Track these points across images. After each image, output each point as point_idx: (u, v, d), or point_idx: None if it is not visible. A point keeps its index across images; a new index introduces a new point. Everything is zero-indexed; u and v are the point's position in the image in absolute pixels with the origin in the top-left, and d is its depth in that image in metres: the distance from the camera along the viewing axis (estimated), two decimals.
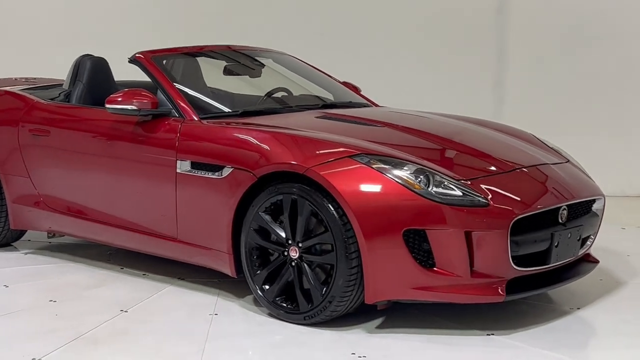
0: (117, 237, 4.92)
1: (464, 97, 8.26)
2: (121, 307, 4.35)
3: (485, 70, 8.35)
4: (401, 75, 8.24)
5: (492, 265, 3.90)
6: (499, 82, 8.40)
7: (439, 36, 8.29)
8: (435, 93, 8.21)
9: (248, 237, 4.24)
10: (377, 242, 3.86)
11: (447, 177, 3.95)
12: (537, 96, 8.27)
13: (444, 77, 8.30)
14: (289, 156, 4.11)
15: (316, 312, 4.04)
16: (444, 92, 8.25)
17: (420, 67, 8.28)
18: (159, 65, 4.96)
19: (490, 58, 8.35)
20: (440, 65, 8.30)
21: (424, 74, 8.27)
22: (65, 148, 5.06)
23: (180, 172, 4.49)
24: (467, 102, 8.17)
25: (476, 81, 8.36)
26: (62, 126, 5.10)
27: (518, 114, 8.22)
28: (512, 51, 8.27)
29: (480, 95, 8.39)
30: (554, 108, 8.23)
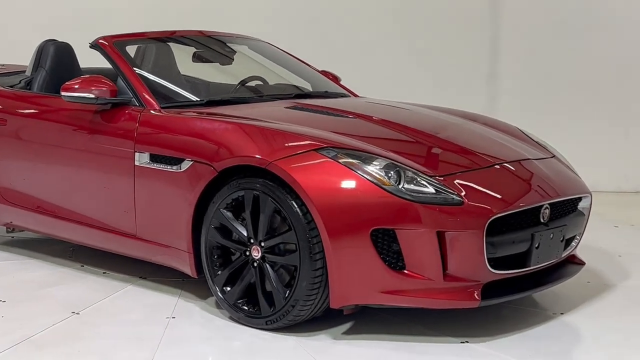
0: (76, 233, 4.65)
1: (457, 89, 8.00)
2: (74, 309, 4.08)
3: (478, 62, 8.07)
4: (391, 66, 7.98)
5: (467, 268, 3.62)
6: (492, 73, 8.12)
7: (431, 27, 8.01)
8: (426, 85, 7.95)
9: (208, 235, 3.97)
10: (343, 242, 3.58)
11: (419, 173, 3.67)
12: (531, 88, 7.99)
13: (436, 69, 8.04)
14: (251, 149, 3.83)
15: (278, 316, 3.76)
16: (436, 84, 7.99)
17: (411, 58, 8.00)
18: (121, 51, 4.67)
19: (484, 49, 8.06)
20: (432, 56, 8.03)
21: (415, 65, 8.00)
22: (22, 138, 4.78)
23: (139, 164, 4.21)
24: (460, 94, 7.91)
25: (469, 73, 8.08)
26: (19, 115, 4.82)
27: (512, 107, 7.97)
28: (506, 42, 7.99)
29: (474, 87, 8.11)
30: (548, 100, 7.96)
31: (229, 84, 5.25)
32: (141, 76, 4.54)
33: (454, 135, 4.28)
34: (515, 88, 7.99)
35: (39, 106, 4.80)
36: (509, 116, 7.71)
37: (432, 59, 8.00)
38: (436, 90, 7.89)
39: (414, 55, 7.99)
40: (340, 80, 5.63)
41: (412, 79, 7.95)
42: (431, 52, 8.00)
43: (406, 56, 7.99)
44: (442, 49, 7.99)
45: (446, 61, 8.01)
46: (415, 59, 7.99)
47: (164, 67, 5.00)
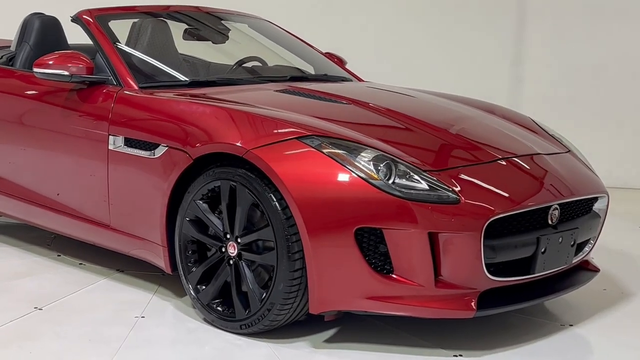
0: (52, 221, 4.34)
1: (478, 75, 7.59)
2: (38, 303, 3.76)
3: (501, 47, 7.64)
4: (410, 51, 7.58)
5: (462, 274, 3.23)
6: (516, 59, 7.69)
7: (453, 9, 7.60)
8: (447, 71, 7.56)
9: (182, 229, 3.62)
10: (324, 241, 3.21)
11: (412, 167, 3.29)
12: (557, 75, 7.54)
13: (457, 54, 7.63)
14: (229, 135, 3.47)
15: (253, 320, 3.41)
16: (456, 70, 7.59)
17: (431, 42, 7.60)
18: (103, 26, 4.33)
19: (508, 33, 7.63)
20: (453, 41, 7.62)
21: (435, 50, 7.61)
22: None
23: (113, 149, 3.88)
24: (482, 81, 7.50)
25: (492, 58, 7.66)
26: None
27: (536, 94, 7.55)
28: (531, 26, 7.55)
29: (496, 73, 7.69)
30: (575, 88, 7.50)
31: (228, 64, 4.90)
32: (123, 54, 4.20)
33: (456, 125, 3.88)
34: (540, 74, 7.56)
35: (14, 83, 4.47)
36: (533, 104, 7.37)
37: (453, 43, 7.60)
38: (457, 76, 7.51)
39: (434, 39, 7.59)
40: (345, 64, 5.25)
41: (432, 64, 7.57)
42: (453, 36, 7.60)
43: (426, 40, 7.60)
44: (464, 33, 7.58)
45: (468, 46, 7.60)
46: (435, 43, 7.60)
47: (159, 46, 4.64)
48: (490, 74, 7.67)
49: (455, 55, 7.66)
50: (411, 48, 7.60)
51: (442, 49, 7.64)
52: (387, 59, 7.55)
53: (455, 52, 7.66)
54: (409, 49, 7.60)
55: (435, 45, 7.63)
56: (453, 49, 7.65)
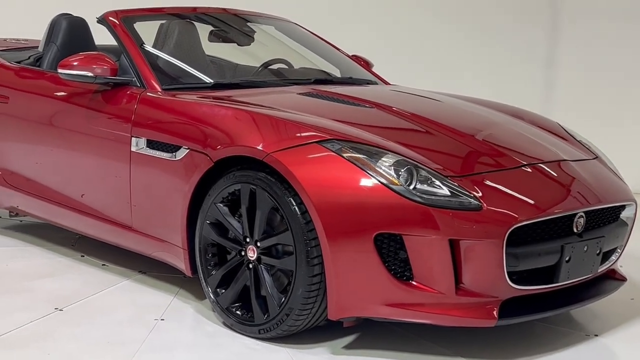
0: (75, 222, 4.35)
1: (508, 79, 7.50)
2: (58, 304, 3.76)
3: (532, 50, 7.54)
4: (439, 54, 7.51)
5: (483, 282, 3.18)
6: (547, 63, 7.58)
7: (483, 13, 7.51)
8: (476, 74, 7.47)
9: (203, 232, 3.61)
10: (343, 246, 3.17)
11: (433, 172, 3.24)
12: (593, 79, 7.42)
13: (487, 57, 7.55)
14: (249, 139, 3.44)
15: (272, 325, 3.38)
16: (486, 74, 7.51)
17: (460, 46, 7.53)
18: (128, 28, 4.33)
19: (539, 37, 7.53)
20: (483, 44, 7.54)
21: (464, 53, 7.52)
22: (23, 117, 4.49)
23: (135, 150, 3.88)
24: (512, 85, 7.41)
25: (522, 62, 7.56)
26: (21, 92, 4.53)
27: (568, 99, 7.44)
28: (563, 30, 7.44)
29: (528, 77, 7.59)
30: (609, 93, 7.37)
31: (255, 66, 4.88)
32: (147, 55, 4.19)
33: (481, 130, 3.82)
34: (573, 78, 7.45)
35: (40, 83, 4.49)
36: (565, 109, 7.26)
37: (483, 46, 7.51)
38: (487, 79, 7.42)
39: (464, 42, 7.52)
40: (372, 67, 5.21)
41: (461, 67, 7.49)
42: (482, 39, 7.52)
43: (455, 43, 7.52)
44: (494, 36, 7.50)
45: (498, 49, 7.51)
46: (465, 46, 7.52)
47: (186, 47, 4.63)
48: (521, 78, 7.57)
49: (485, 58, 7.58)
50: (440, 51, 7.54)
51: (472, 52, 7.56)
52: (415, 62, 7.49)
53: (485, 56, 7.58)
54: (438, 52, 7.54)
55: (465, 48, 7.56)
56: (483, 52, 7.57)
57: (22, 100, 4.51)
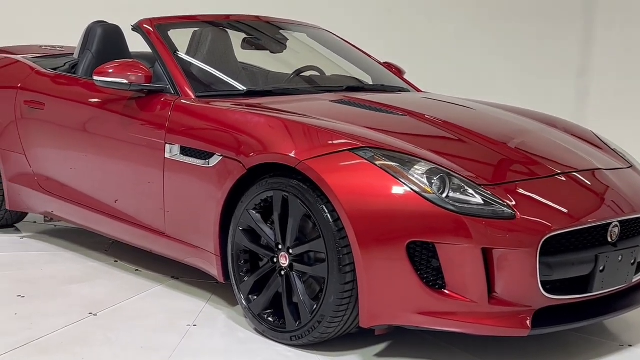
0: (109, 227, 4.39)
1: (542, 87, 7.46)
2: (93, 309, 3.80)
3: (566, 57, 7.50)
4: (471, 61, 7.50)
5: (517, 291, 3.16)
6: (581, 70, 7.54)
7: (516, 20, 7.48)
8: (510, 82, 7.44)
9: (236, 238, 3.63)
10: (376, 254, 3.17)
11: (466, 180, 3.23)
12: (627, 87, 7.36)
13: (520, 64, 7.51)
14: (282, 146, 3.46)
15: (304, 332, 3.39)
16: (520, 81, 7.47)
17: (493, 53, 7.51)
18: (162, 35, 4.37)
19: (573, 44, 7.48)
20: (517, 51, 7.50)
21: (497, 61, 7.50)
22: (58, 124, 4.55)
23: (169, 157, 3.91)
24: (546, 92, 7.37)
25: (556, 69, 7.52)
26: (56, 99, 4.59)
27: (604, 107, 7.38)
28: (598, 36, 7.39)
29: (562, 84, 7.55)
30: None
31: (287, 73, 4.91)
32: (181, 62, 4.23)
33: (515, 138, 3.80)
34: (607, 86, 7.39)
35: (75, 90, 4.55)
36: (599, 117, 7.21)
37: (517, 53, 7.48)
38: (520, 87, 7.39)
39: (497, 49, 7.49)
40: (404, 74, 5.20)
41: (495, 74, 7.47)
42: (516, 46, 7.49)
43: (488, 50, 7.50)
44: (528, 43, 7.46)
45: (532, 56, 7.48)
46: (498, 53, 7.49)
47: (219, 54, 4.67)
48: (554, 85, 7.53)
49: (518, 65, 7.54)
50: (473, 59, 7.52)
51: (505, 59, 7.53)
52: (447, 69, 7.49)
53: (519, 63, 7.54)
54: (470, 60, 7.53)
55: (498, 56, 7.53)
56: (516, 60, 7.54)
57: (58, 106, 4.56)
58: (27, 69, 4.92)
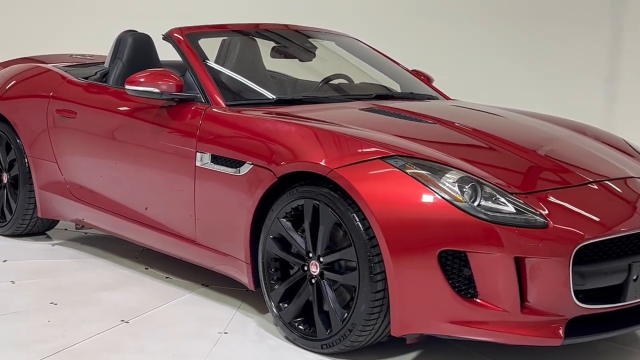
0: (140, 235, 4.42)
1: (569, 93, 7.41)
2: (123, 317, 3.83)
3: (593, 63, 7.45)
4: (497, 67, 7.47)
5: (549, 301, 3.14)
6: (609, 76, 7.48)
7: (542, 25, 7.45)
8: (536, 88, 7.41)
9: (266, 246, 3.64)
10: (407, 263, 3.17)
11: (498, 189, 3.22)
12: None
13: (547, 70, 7.47)
14: (312, 154, 3.47)
15: (335, 340, 3.39)
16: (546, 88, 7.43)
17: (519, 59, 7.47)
18: (193, 44, 4.40)
19: (600, 49, 7.43)
20: (543, 57, 7.46)
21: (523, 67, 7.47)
22: (90, 132, 4.59)
23: (200, 165, 3.93)
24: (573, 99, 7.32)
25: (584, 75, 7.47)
26: (88, 107, 4.63)
27: (631, 114, 7.31)
28: (626, 41, 7.33)
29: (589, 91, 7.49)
30: None
31: (315, 81, 4.92)
32: (211, 71, 4.26)
33: (545, 146, 3.79)
34: (635, 92, 7.33)
35: (107, 99, 4.59)
36: (627, 123, 7.15)
37: (543, 59, 7.44)
38: (547, 93, 7.35)
39: (523, 56, 7.46)
40: (432, 81, 5.20)
41: (521, 81, 7.43)
42: (542, 52, 7.45)
43: (514, 56, 7.47)
44: (554, 49, 7.42)
45: (558, 62, 7.43)
46: (524, 59, 7.46)
47: (248, 63, 4.69)
48: (582, 92, 7.48)
49: (545, 72, 7.50)
50: (499, 65, 7.50)
51: (531, 65, 7.49)
52: (474, 75, 7.46)
53: (545, 69, 7.50)
54: (496, 66, 7.50)
55: (524, 62, 7.50)
56: (543, 65, 7.50)
57: (89, 115, 4.61)
58: (59, 77, 4.97)
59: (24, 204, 5.00)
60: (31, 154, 4.93)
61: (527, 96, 7.29)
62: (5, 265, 4.60)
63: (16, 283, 4.27)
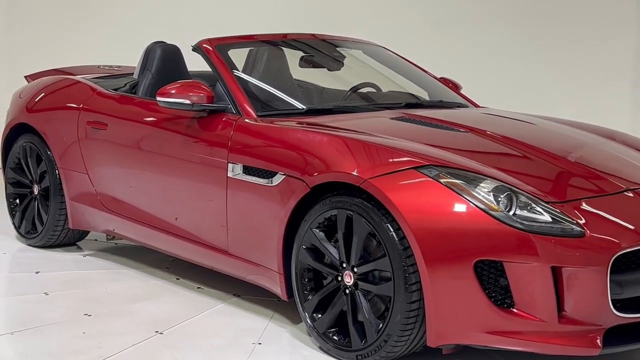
0: (171, 245, 4.44)
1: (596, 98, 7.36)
2: (158, 328, 3.84)
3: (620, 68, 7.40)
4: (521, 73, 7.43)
5: (587, 310, 3.12)
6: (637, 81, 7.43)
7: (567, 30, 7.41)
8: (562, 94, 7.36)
9: (299, 257, 3.64)
10: (443, 273, 3.16)
11: (534, 198, 3.21)
12: None
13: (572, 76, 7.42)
14: (345, 164, 3.47)
15: (369, 351, 3.39)
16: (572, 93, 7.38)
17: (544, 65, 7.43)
18: (222, 55, 4.42)
19: (627, 53, 7.38)
20: (568, 62, 7.42)
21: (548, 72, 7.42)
22: (121, 143, 4.61)
23: (232, 176, 3.94)
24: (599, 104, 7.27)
25: (610, 80, 7.42)
26: (118, 119, 4.66)
27: None
28: None
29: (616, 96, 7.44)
30: None
31: (343, 90, 4.93)
32: (241, 82, 4.27)
33: (581, 154, 3.77)
34: None
35: (137, 110, 4.61)
36: None
37: (568, 64, 7.40)
38: (572, 99, 7.30)
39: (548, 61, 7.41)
40: (460, 89, 5.19)
41: (546, 87, 7.39)
42: (567, 57, 7.40)
43: (539, 62, 7.43)
44: (579, 54, 7.37)
45: (584, 67, 7.38)
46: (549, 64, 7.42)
47: (275, 73, 4.71)
48: (608, 96, 7.43)
49: (570, 77, 7.45)
50: (524, 70, 7.46)
51: (556, 70, 7.45)
52: (499, 82, 7.43)
53: (570, 74, 7.45)
54: (521, 72, 7.46)
55: (549, 67, 7.45)
56: (568, 71, 7.45)
57: (120, 127, 4.63)
58: (88, 89, 5.01)
59: (55, 215, 5.04)
60: (62, 166, 4.97)
61: (553, 101, 7.25)
62: (38, 276, 4.63)
63: (49, 294, 4.30)
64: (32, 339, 3.68)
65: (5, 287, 4.53)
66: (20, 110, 5.30)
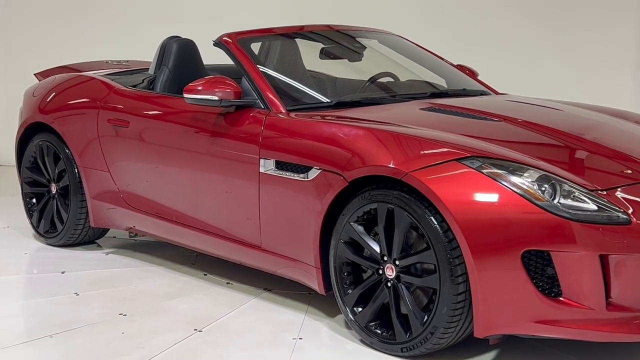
0: (198, 241, 4.42)
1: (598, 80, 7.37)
2: (196, 325, 3.83)
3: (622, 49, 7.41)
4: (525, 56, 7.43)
5: (634, 297, 3.14)
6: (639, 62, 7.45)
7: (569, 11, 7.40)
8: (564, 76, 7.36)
9: (338, 251, 3.64)
10: (490, 264, 3.17)
11: (578, 187, 3.22)
12: None
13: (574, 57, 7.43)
14: (385, 158, 3.47)
15: (415, 343, 3.40)
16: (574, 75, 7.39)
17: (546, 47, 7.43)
18: (246, 49, 4.39)
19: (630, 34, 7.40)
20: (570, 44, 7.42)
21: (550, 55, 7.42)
22: (144, 140, 4.58)
23: (264, 172, 3.93)
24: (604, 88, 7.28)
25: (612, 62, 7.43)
26: (141, 116, 4.62)
27: None
28: None
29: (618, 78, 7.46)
30: None
31: (357, 79, 4.92)
32: (266, 76, 4.25)
33: (614, 139, 3.78)
34: None
35: (161, 107, 4.58)
36: None
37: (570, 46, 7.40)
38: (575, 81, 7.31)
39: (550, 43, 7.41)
40: (477, 76, 5.19)
41: (548, 69, 7.39)
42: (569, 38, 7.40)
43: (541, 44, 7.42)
44: (581, 35, 7.37)
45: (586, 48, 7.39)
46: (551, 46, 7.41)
47: (289, 64, 4.69)
48: (610, 79, 7.44)
49: (572, 59, 7.46)
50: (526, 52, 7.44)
51: (559, 52, 7.44)
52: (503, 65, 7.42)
53: (573, 56, 7.45)
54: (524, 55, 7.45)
55: (551, 49, 7.44)
56: (570, 52, 7.45)
57: (143, 124, 4.60)
58: (104, 86, 4.96)
59: (76, 213, 5.01)
60: (81, 164, 4.93)
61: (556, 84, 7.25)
62: (65, 277, 4.61)
63: (80, 295, 4.28)
64: (72, 341, 3.66)
65: (34, 288, 4.50)
66: (34, 110, 5.25)
